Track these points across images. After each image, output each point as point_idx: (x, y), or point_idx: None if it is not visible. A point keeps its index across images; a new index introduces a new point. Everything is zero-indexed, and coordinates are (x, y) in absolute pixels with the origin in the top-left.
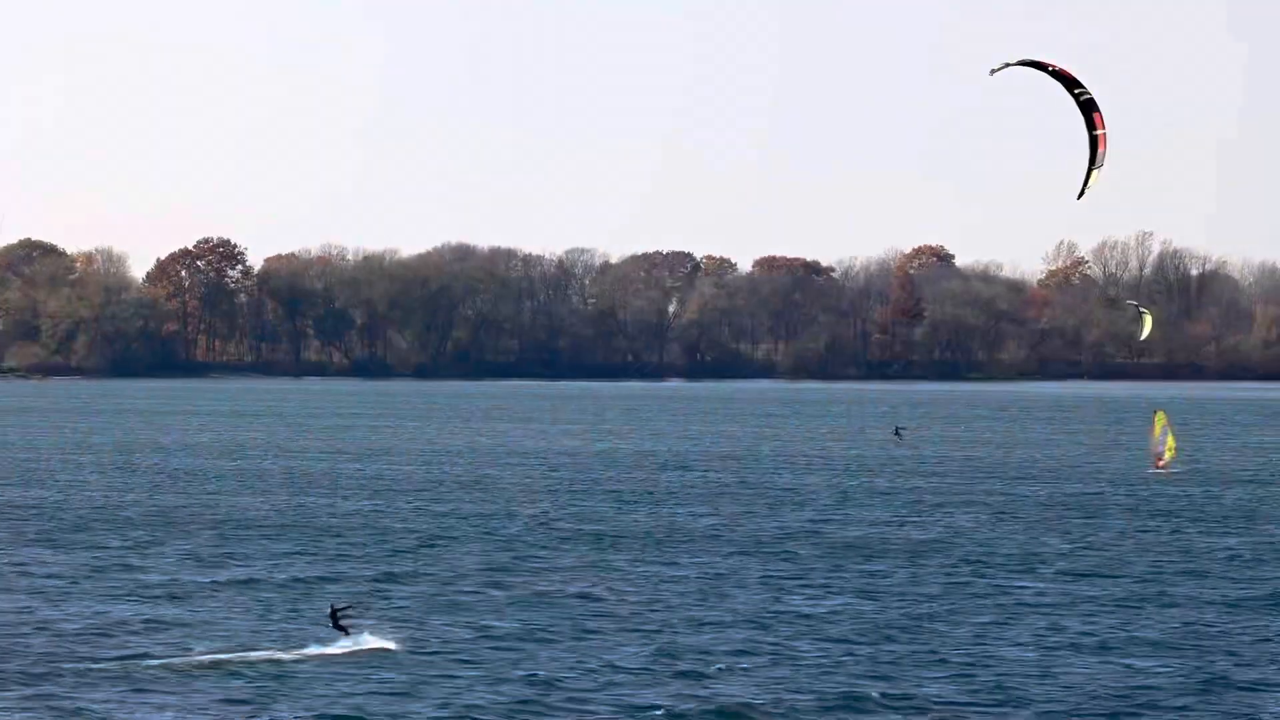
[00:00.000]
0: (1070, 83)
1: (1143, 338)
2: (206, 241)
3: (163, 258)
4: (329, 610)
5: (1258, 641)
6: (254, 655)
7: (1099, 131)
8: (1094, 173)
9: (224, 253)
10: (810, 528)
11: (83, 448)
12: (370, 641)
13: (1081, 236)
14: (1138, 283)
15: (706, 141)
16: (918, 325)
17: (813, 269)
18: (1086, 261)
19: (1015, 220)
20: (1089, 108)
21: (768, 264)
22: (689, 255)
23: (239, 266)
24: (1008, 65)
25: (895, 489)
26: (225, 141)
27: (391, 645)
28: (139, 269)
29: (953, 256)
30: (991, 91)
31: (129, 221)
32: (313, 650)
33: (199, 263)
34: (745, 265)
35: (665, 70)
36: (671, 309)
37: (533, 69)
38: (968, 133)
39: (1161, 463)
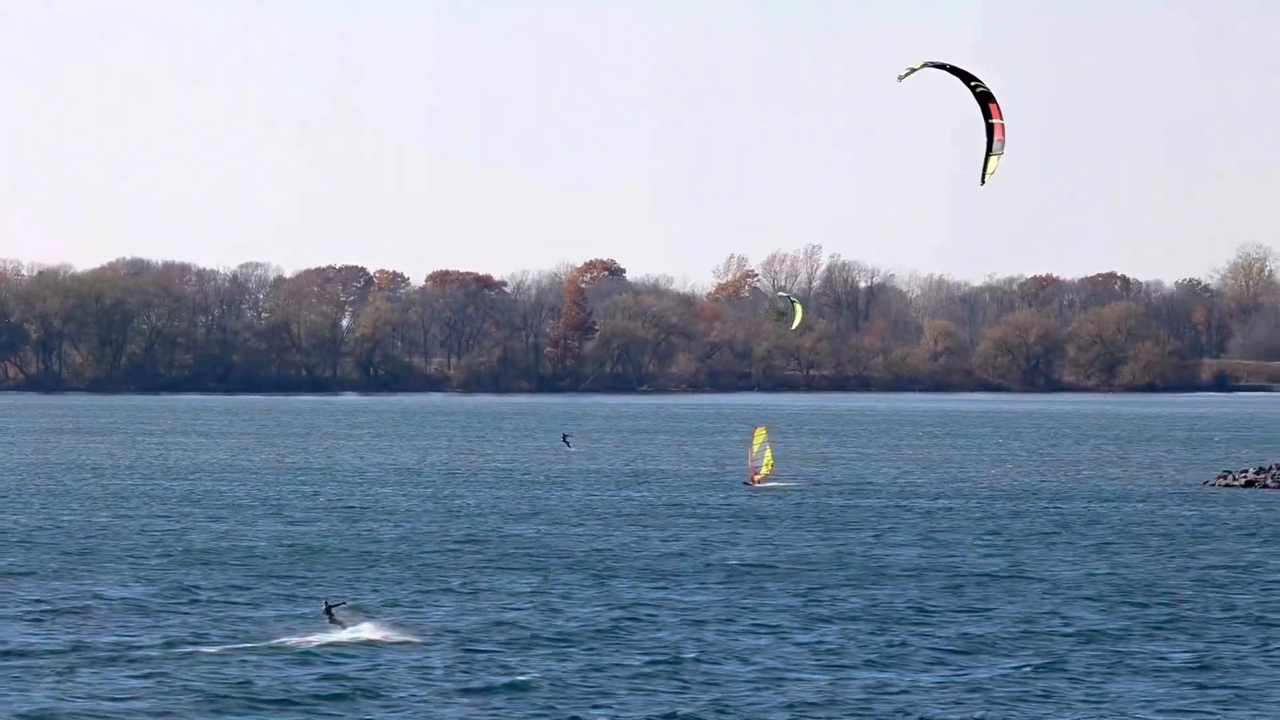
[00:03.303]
0: (966, 77)
1: (794, 327)
2: None
3: None
4: (324, 607)
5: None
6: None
7: (996, 121)
8: (993, 159)
9: None
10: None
11: None
12: (367, 632)
13: (751, 250)
14: (807, 295)
15: (379, 155)
16: (589, 338)
17: (485, 283)
18: (756, 275)
19: (686, 234)
20: (985, 99)
21: (441, 278)
22: (362, 270)
23: None
24: (913, 70)
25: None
26: None
27: (391, 636)
28: None
29: (624, 270)
30: (661, 106)
31: None
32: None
33: None
34: (418, 279)
35: (335, 81)
36: (345, 323)
37: (201, 78)
38: (639, 147)
39: (757, 477)
